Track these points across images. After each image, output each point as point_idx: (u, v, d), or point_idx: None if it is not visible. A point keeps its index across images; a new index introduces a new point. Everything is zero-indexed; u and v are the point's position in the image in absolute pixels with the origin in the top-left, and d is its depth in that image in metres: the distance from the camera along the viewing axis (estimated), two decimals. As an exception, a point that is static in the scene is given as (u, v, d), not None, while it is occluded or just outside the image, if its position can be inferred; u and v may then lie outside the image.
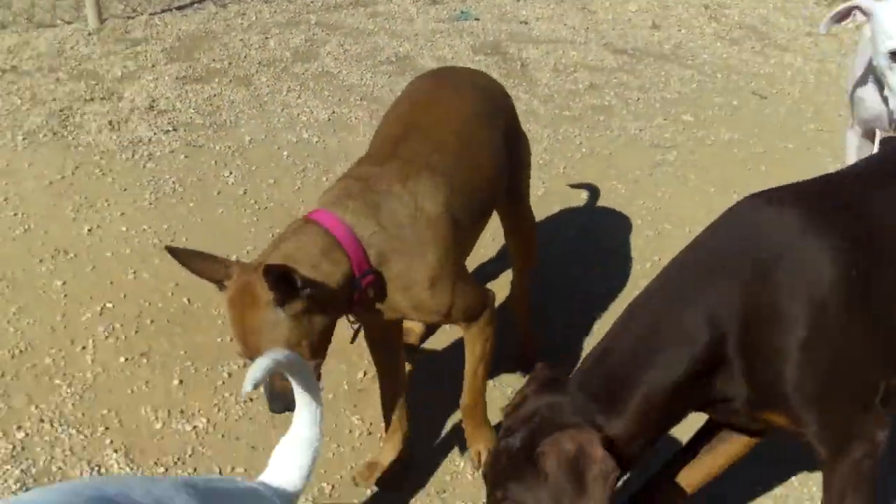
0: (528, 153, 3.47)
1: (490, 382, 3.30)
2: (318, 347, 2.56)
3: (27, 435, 3.17)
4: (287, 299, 2.41)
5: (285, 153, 5.03)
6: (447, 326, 3.43)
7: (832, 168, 5.35)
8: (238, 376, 3.47)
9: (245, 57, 6.13)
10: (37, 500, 1.51)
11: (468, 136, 2.98)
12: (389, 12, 7.13)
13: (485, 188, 2.98)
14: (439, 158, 2.82)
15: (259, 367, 1.90)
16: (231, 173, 4.79)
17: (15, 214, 4.30)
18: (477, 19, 7.16)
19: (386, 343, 3.07)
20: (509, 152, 3.20)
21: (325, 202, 2.67)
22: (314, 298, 2.45)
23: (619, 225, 4.71)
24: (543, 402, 2.33)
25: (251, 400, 3.37)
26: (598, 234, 4.61)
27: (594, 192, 4.94)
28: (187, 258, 2.51)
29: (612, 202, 4.88)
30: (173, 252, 2.49)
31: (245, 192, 4.64)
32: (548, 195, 4.85)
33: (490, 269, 4.17)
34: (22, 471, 3.03)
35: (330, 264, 2.53)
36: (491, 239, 4.17)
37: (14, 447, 3.11)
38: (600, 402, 2.28)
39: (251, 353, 2.46)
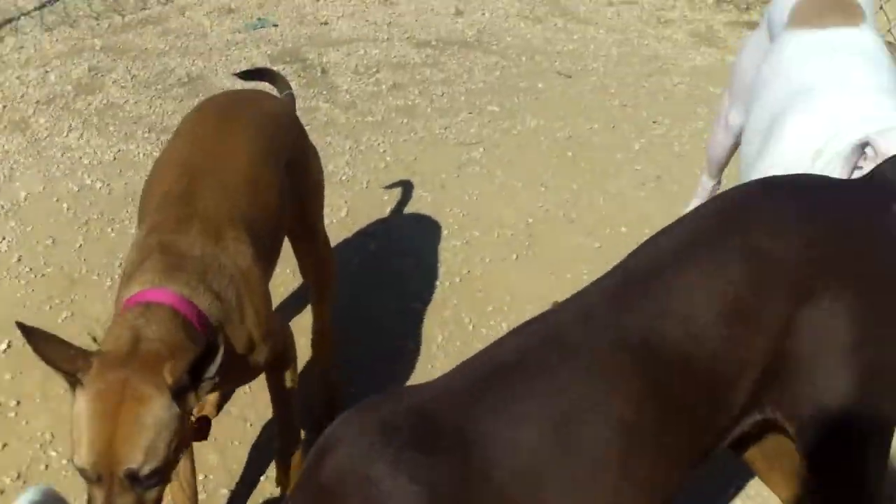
0: (320, 173, 3.06)
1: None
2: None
3: None
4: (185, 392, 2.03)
5: (65, 205, 4.37)
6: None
7: (637, 147, 5.00)
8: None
9: (22, 96, 5.36)
10: None
11: (254, 173, 2.59)
12: (181, 28, 6.35)
13: (275, 225, 2.64)
14: (234, 207, 2.46)
15: None
16: (3, 238, 4.12)
17: None
18: (275, 25, 6.50)
19: None
20: (297, 180, 2.81)
21: (150, 281, 2.20)
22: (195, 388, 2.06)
23: (426, 239, 4.23)
24: None
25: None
26: (403, 253, 4.12)
27: (400, 204, 4.45)
28: (41, 341, 2.00)
29: (419, 213, 4.40)
30: (26, 331, 1.97)
31: (19, 259, 3.98)
32: (352, 214, 4.35)
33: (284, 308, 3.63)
34: None
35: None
36: (291, 274, 3.66)
37: None
38: None
39: (119, 460, 1.94)
